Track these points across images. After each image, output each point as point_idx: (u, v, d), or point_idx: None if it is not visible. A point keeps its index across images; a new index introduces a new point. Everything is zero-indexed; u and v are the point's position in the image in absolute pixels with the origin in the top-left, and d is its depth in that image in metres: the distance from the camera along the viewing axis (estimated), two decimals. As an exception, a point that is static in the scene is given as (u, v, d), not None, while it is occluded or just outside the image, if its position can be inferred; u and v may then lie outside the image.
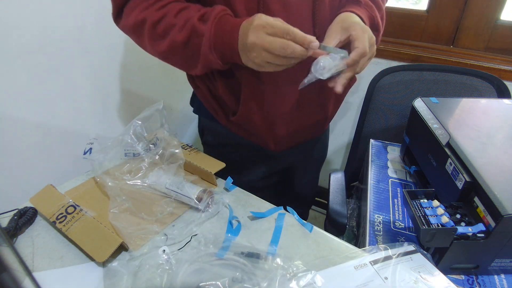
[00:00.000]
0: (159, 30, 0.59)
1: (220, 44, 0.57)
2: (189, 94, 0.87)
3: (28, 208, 0.63)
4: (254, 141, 0.79)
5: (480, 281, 0.55)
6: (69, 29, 0.86)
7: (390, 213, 0.68)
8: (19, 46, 0.77)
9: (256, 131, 0.76)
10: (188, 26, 0.57)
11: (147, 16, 0.59)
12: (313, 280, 0.50)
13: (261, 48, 0.52)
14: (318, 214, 1.75)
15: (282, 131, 0.76)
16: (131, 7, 0.61)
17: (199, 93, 0.78)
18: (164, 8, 0.59)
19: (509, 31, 1.05)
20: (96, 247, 0.54)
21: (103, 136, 1.04)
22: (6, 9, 0.72)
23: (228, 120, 0.76)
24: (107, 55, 0.98)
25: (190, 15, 0.58)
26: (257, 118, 0.72)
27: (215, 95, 0.75)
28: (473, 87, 0.95)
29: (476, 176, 0.52)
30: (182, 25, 0.58)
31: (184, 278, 0.51)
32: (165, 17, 0.59)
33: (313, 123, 0.80)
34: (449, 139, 0.62)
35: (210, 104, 0.77)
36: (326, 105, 0.78)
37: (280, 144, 0.79)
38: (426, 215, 0.53)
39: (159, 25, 0.59)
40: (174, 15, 0.58)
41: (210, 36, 0.56)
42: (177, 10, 0.59)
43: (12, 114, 0.80)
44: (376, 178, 0.79)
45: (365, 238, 0.64)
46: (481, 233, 0.50)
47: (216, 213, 0.65)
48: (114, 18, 0.65)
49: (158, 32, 0.60)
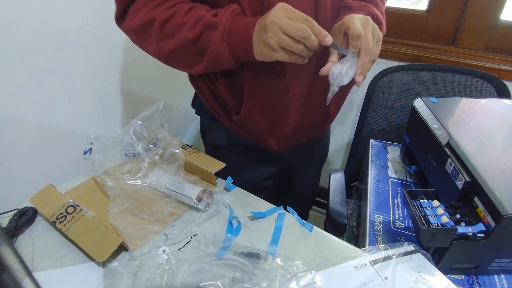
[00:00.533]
0: (168, 29, 0.59)
1: (233, 35, 0.57)
2: (190, 94, 0.87)
3: (28, 208, 0.63)
4: (256, 142, 0.79)
5: (480, 281, 0.55)
6: (69, 29, 0.85)
7: (390, 213, 0.68)
8: (19, 46, 0.77)
9: (258, 132, 0.76)
10: (201, 23, 0.57)
11: (155, 16, 0.59)
12: (313, 280, 0.50)
13: (278, 27, 0.52)
14: (318, 214, 1.75)
15: (285, 132, 0.76)
16: (136, 8, 0.61)
17: (201, 94, 0.78)
18: (173, 7, 0.59)
19: (509, 31, 1.05)
20: (96, 247, 0.54)
21: (103, 136, 1.04)
22: (6, 9, 0.72)
23: (231, 121, 0.76)
24: (107, 55, 0.98)
25: (202, 14, 0.58)
26: (260, 119, 0.72)
27: (216, 96, 0.75)
28: (473, 87, 0.95)
29: (476, 176, 0.52)
30: (194, 22, 0.58)
31: (184, 278, 0.51)
32: (174, 16, 0.59)
33: (315, 123, 0.80)
34: (449, 139, 0.62)
35: (211, 105, 0.77)
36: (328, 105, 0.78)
37: (282, 144, 0.79)
38: (426, 215, 0.53)
39: (168, 25, 0.59)
40: (184, 14, 0.59)
41: (224, 28, 0.56)
42: (186, 9, 0.59)
43: (12, 114, 0.80)
44: (376, 178, 0.79)
45: (365, 238, 0.64)
46: (481, 233, 0.50)
47: (216, 213, 0.65)
48: (117, 19, 0.65)
49: (166, 32, 0.59)
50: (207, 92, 0.75)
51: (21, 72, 0.79)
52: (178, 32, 0.59)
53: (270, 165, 0.88)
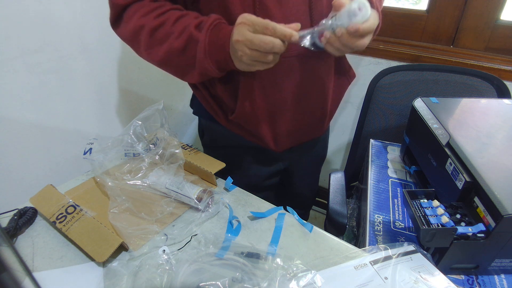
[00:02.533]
0: (157, 37, 0.60)
1: (214, 50, 0.58)
2: (190, 94, 0.87)
3: (28, 208, 0.63)
4: (254, 141, 0.79)
5: (480, 281, 0.55)
6: (69, 29, 0.85)
7: (390, 213, 0.68)
8: (19, 46, 0.77)
9: (255, 130, 0.76)
10: (186, 34, 0.59)
11: (145, 23, 0.60)
12: (313, 280, 0.50)
13: (243, 44, 0.53)
14: (318, 214, 1.75)
15: (282, 129, 0.76)
16: (129, 14, 0.61)
17: (198, 94, 0.78)
18: (163, 15, 0.60)
19: (509, 31, 1.05)
20: (96, 247, 0.54)
21: (103, 136, 1.04)
22: (6, 9, 0.72)
23: (228, 120, 0.76)
24: (107, 55, 0.98)
25: (187, 23, 0.59)
26: (256, 115, 0.72)
27: (213, 95, 0.75)
28: (473, 87, 0.95)
29: (476, 176, 0.52)
30: (180, 32, 0.59)
31: (184, 278, 0.51)
32: (163, 25, 0.60)
33: (312, 122, 0.80)
34: (449, 139, 0.62)
35: (209, 104, 0.77)
36: (325, 101, 0.78)
37: (280, 143, 0.79)
38: (426, 215, 0.53)
39: (157, 33, 0.60)
40: (172, 23, 0.59)
41: (205, 44, 0.58)
42: (175, 18, 0.60)
43: (12, 114, 0.80)
44: (376, 178, 0.79)
45: (365, 238, 0.64)
46: (481, 233, 0.50)
47: (216, 213, 0.65)
48: (112, 23, 0.65)
49: (156, 39, 0.60)
50: (204, 91, 0.76)
51: (21, 72, 0.79)
52: (166, 41, 0.60)
53: (270, 165, 0.88)
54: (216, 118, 0.79)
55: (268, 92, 0.70)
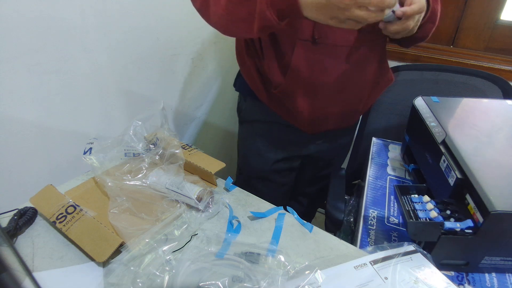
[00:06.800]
0: None
1: None
2: (190, 94, 0.87)
3: (28, 208, 0.63)
4: (288, 120, 0.83)
5: (470, 278, 0.55)
6: (69, 28, 0.85)
7: (385, 208, 0.68)
8: (19, 46, 0.77)
9: (295, 106, 0.78)
10: None
11: None
12: (314, 277, 0.50)
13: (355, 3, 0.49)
14: (318, 214, 1.75)
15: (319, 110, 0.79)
16: None
17: (245, 69, 0.83)
18: None
19: (509, 31, 1.05)
20: (96, 247, 0.54)
21: (103, 136, 1.04)
22: (6, 9, 0.72)
23: (270, 95, 0.80)
24: (107, 55, 0.98)
25: None
26: (299, 92, 0.75)
27: (260, 72, 0.79)
28: (476, 87, 0.95)
29: (467, 173, 0.53)
30: None
31: (184, 278, 0.51)
32: None
33: (348, 111, 0.84)
34: (445, 137, 0.62)
35: (253, 80, 0.81)
36: (364, 94, 0.82)
37: (314, 125, 0.83)
38: (415, 209, 0.53)
39: None
40: None
41: None
42: None
43: (12, 114, 0.80)
44: (375, 175, 0.79)
45: (358, 232, 0.64)
46: (469, 229, 0.50)
47: (216, 213, 0.65)
48: None
49: None
50: (252, 67, 0.79)
51: (21, 72, 0.79)
52: None
53: (298, 146, 0.92)
54: (257, 94, 0.83)
55: (316, 73, 0.73)
